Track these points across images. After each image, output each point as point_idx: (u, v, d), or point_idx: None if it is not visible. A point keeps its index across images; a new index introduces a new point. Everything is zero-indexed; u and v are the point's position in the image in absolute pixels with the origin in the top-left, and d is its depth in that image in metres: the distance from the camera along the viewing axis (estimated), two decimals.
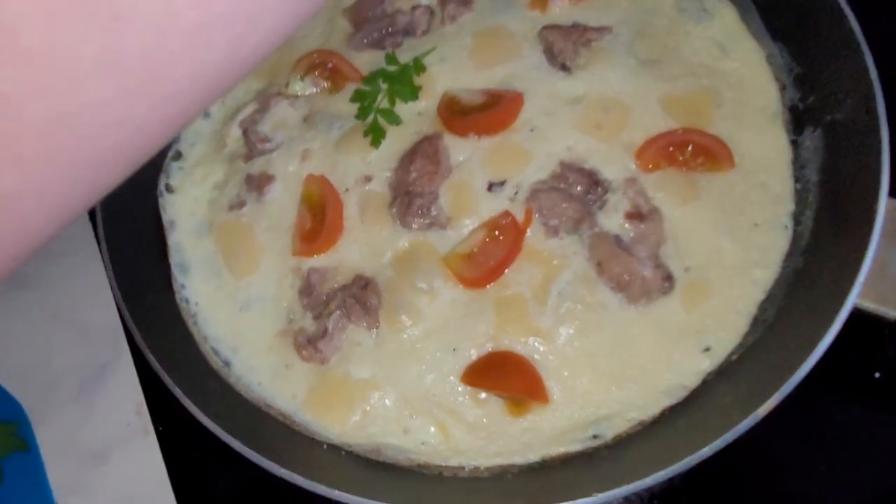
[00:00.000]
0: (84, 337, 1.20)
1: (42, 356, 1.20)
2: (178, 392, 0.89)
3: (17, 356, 1.20)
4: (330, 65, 1.14)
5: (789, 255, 0.94)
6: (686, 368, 0.91)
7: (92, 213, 1.26)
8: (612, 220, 0.96)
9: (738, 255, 0.94)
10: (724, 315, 0.92)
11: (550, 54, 1.06)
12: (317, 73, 1.15)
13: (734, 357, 0.91)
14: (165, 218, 1.11)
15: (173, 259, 1.09)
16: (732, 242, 0.95)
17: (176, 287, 1.07)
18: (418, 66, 1.08)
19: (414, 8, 1.16)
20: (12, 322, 1.23)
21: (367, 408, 0.95)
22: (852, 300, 0.79)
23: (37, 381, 1.18)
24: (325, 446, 0.95)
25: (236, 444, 0.86)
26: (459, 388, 0.94)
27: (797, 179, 0.98)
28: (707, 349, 0.91)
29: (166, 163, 1.15)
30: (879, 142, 0.84)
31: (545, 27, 1.08)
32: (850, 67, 0.90)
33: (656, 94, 1.01)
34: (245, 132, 1.14)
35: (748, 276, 0.94)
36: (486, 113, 1.03)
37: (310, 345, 0.99)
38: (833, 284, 0.82)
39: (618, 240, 0.95)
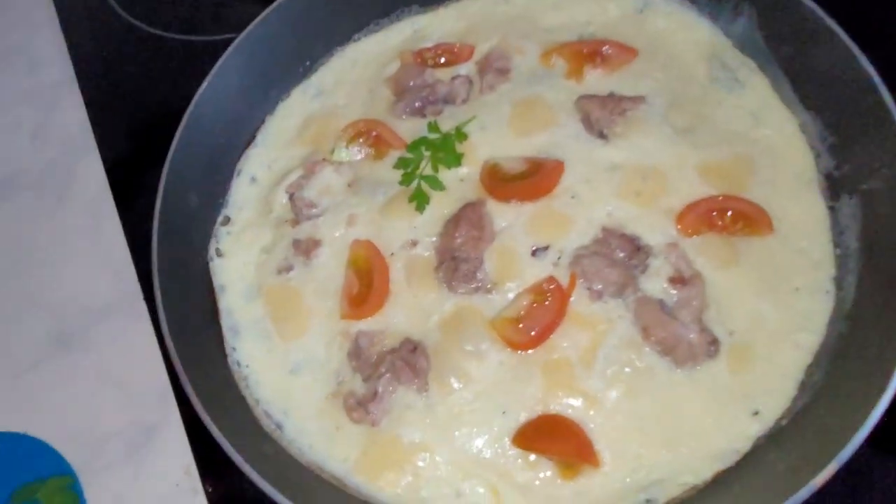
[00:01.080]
0: (132, 398, 1.23)
1: (91, 417, 1.22)
2: (237, 459, 0.90)
3: (67, 418, 1.22)
4: (374, 133, 1.19)
5: (833, 320, 0.95)
6: (736, 432, 0.92)
7: (144, 278, 1.30)
8: (655, 284, 0.99)
9: (780, 320, 0.96)
10: (771, 379, 0.94)
11: (588, 123, 1.11)
12: (361, 140, 1.20)
13: (784, 422, 0.92)
14: (216, 282, 1.14)
15: (224, 322, 1.11)
16: (774, 307, 0.97)
17: (227, 350, 1.09)
18: (460, 135, 1.13)
19: (454, 78, 1.22)
20: (62, 384, 1.26)
21: (419, 470, 0.96)
22: None
23: (86, 442, 1.20)
24: None
25: None
26: (510, 451, 0.95)
27: (837, 245, 1.00)
28: (756, 413, 0.93)
29: (216, 228, 1.19)
30: None
31: (581, 97, 1.12)
32: (882, 139, 0.93)
33: (693, 162, 1.05)
34: (291, 197, 1.18)
35: (791, 341, 0.95)
36: (528, 180, 1.07)
37: (360, 407, 1.01)
38: (881, 351, 0.84)
39: (662, 304, 0.98)
